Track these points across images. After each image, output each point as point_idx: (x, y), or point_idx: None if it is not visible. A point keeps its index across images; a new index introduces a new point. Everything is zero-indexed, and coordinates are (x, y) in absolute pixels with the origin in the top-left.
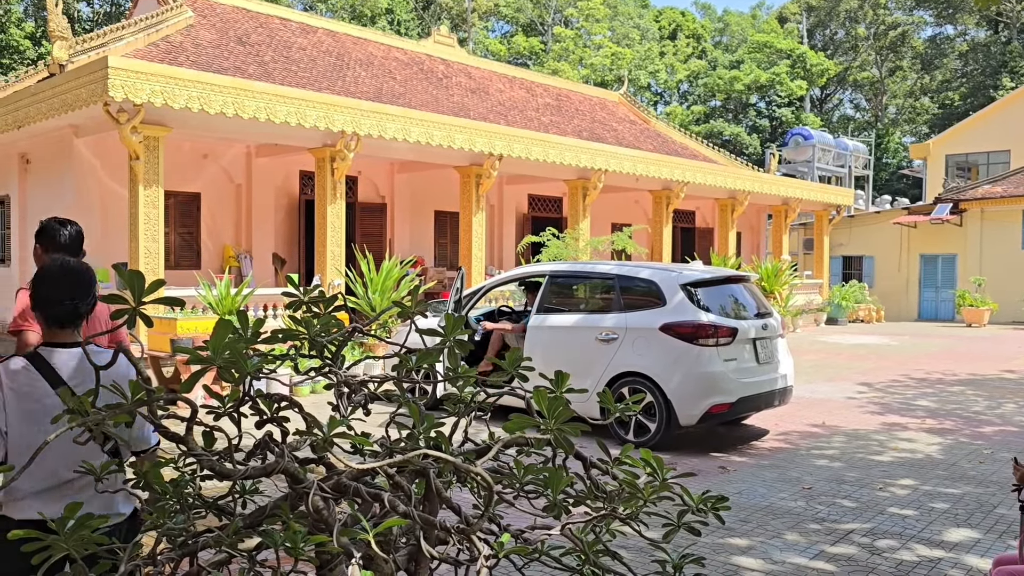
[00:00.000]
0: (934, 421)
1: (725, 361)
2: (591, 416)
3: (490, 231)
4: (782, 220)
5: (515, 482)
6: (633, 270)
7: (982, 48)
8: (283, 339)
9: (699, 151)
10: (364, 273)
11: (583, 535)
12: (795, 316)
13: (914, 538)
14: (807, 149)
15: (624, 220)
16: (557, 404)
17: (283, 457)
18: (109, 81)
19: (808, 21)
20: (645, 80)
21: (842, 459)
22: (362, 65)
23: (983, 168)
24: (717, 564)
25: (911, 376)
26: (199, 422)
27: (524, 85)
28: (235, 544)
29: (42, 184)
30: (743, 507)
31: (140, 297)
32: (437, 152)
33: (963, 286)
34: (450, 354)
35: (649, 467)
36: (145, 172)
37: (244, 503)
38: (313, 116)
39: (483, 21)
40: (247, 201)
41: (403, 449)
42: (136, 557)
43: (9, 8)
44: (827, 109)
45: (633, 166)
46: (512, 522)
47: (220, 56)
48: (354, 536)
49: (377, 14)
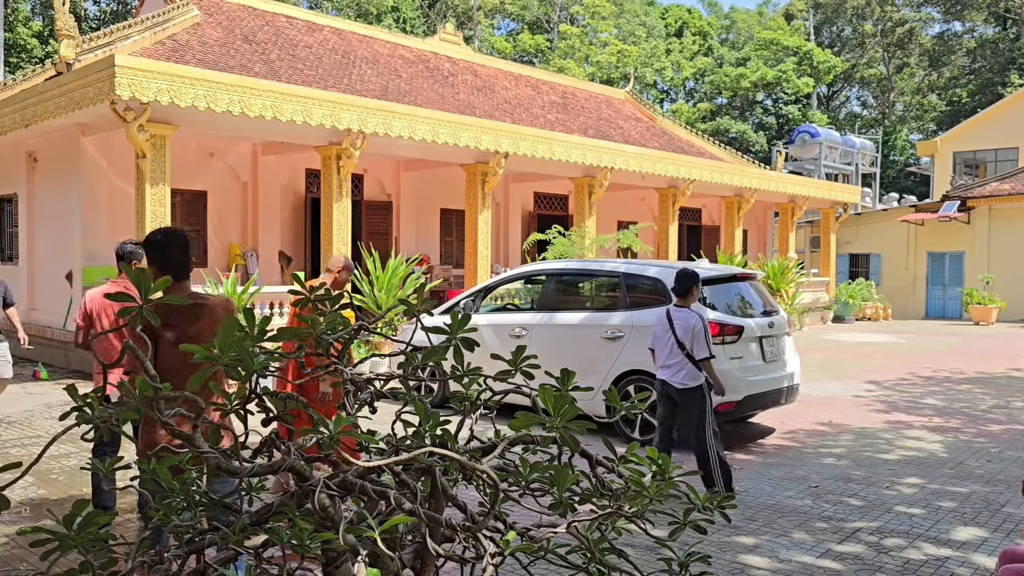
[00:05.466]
0: (941, 419)
1: (731, 359)
2: (597, 414)
3: (496, 229)
4: (789, 218)
5: (521, 480)
6: (639, 268)
7: (990, 45)
8: (289, 337)
9: (705, 149)
10: (370, 271)
11: (589, 533)
12: (802, 314)
13: (921, 536)
14: (814, 146)
15: (630, 218)
16: (563, 402)
17: (289, 455)
18: (116, 80)
19: (815, 18)
20: (651, 77)
21: (849, 457)
22: (368, 63)
23: (991, 165)
24: (723, 562)
25: (918, 374)
26: (206, 419)
27: (530, 83)
28: (242, 541)
29: (50, 182)
30: (749, 505)
31: (147, 295)
32: (443, 150)
33: (971, 284)
34: (456, 352)
35: (655, 465)
36: (152, 170)
37: (251, 500)
38: (319, 114)
39: (489, 19)
40: (253, 199)
41: (409, 447)
42: (143, 554)
43: (16, 7)
44: (834, 106)
45: (639, 164)
46: (518, 520)
47: (226, 54)
48: (360, 534)
49: (383, 12)
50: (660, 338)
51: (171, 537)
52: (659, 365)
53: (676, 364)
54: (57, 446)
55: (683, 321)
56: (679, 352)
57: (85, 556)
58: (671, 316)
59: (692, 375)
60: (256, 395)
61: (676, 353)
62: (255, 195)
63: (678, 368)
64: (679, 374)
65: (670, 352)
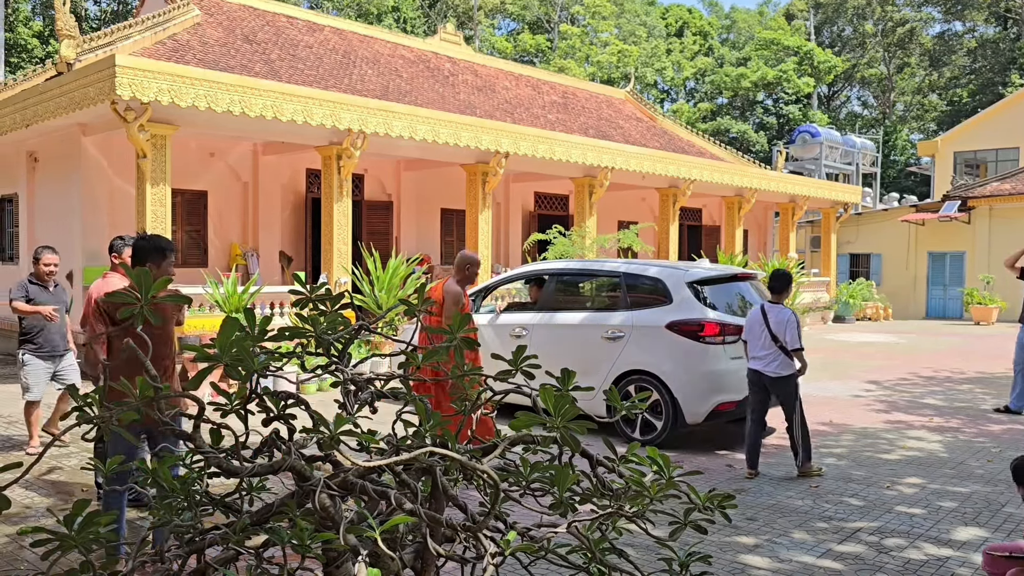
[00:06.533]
0: (942, 419)
1: (731, 359)
2: (597, 414)
3: (496, 229)
4: (789, 218)
5: (521, 480)
6: (640, 268)
7: (991, 45)
8: (290, 337)
9: (706, 149)
10: (371, 271)
11: (589, 533)
12: (802, 314)
13: (922, 536)
14: (814, 146)
15: (631, 218)
16: (563, 402)
17: (290, 455)
18: (116, 80)
19: (815, 18)
20: (652, 77)
21: (849, 457)
22: (368, 63)
23: (992, 165)
24: (724, 562)
25: (919, 374)
26: (206, 419)
27: (530, 83)
28: (242, 541)
29: (50, 182)
30: (750, 505)
31: (147, 295)
32: (443, 150)
33: (971, 284)
34: (456, 352)
35: (655, 465)
36: (152, 170)
37: (251, 500)
38: (320, 114)
39: (489, 19)
40: (254, 199)
41: (409, 447)
42: (143, 554)
43: (17, 7)
44: (834, 106)
45: (640, 164)
46: (519, 520)
47: (227, 54)
48: (361, 533)
49: (383, 12)
50: (753, 331)
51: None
52: (751, 356)
53: (769, 355)
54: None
55: (777, 315)
56: (772, 344)
57: (85, 556)
58: (765, 311)
59: (785, 364)
60: (257, 395)
61: (769, 345)
62: (256, 195)
63: (771, 359)
64: (772, 364)
65: (763, 344)
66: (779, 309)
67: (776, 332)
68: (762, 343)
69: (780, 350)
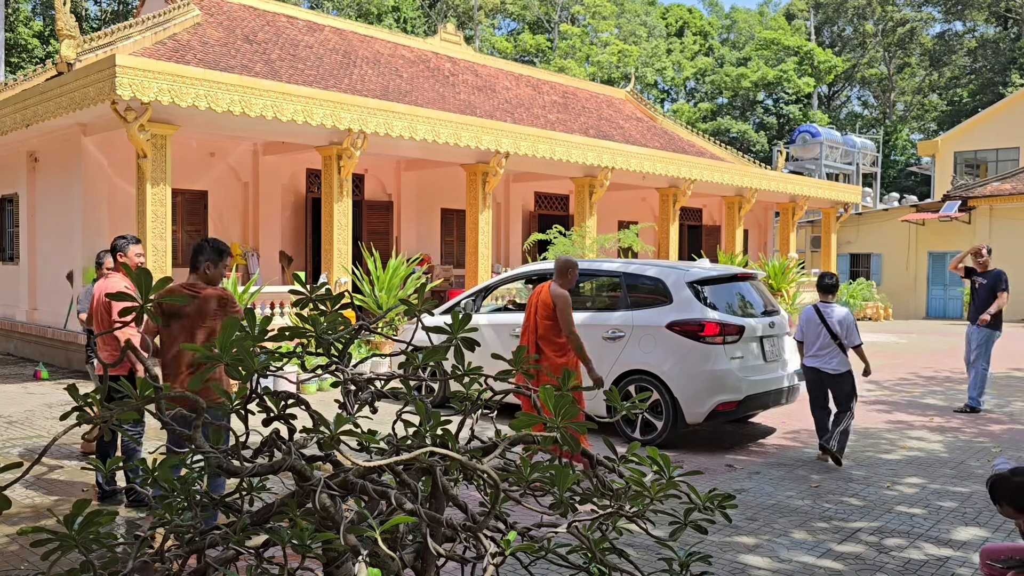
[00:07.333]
0: (942, 419)
1: (732, 359)
2: (598, 414)
3: (496, 229)
4: (789, 217)
5: (522, 480)
6: (640, 268)
7: (991, 44)
8: (290, 337)
9: (706, 148)
10: (371, 271)
11: (590, 533)
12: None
13: (922, 537)
14: (815, 146)
15: (631, 218)
16: (563, 402)
17: (290, 455)
18: (117, 80)
19: (816, 18)
20: (652, 77)
21: (850, 457)
22: (369, 63)
23: (992, 165)
24: (724, 562)
25: (919, 374)
26: (206, 419)
27: (531, 83)
28: (242, 541)
29: (50, 182)
30: (750, 505)
31: (147, 295)
32: (444, 150)
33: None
34: (457, 352)
35: (656, 465)
36: (153, 170)
37: (251, 500)
38: (320, 114)
39: (489, 19)
40: (254, 199)
41: (410, 447)
42: (144, 554)
43: (17, 7)
44: (835, 106)
45: (640, 164)
46: (519, 520)
47: (227, 54)
48: (361, 533)
49: (383, 12)
50: (809, 330)
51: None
52: (808, 355)
53: (828, 353)
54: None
55: (836, 314)
56: (832, 342)
57: (86, 556)
58: (820, 311)
59: (843, 362)
60: (257, 395)
61: (828, 343)
62: (256, 195)
63: (830, 356)
64: (832, 361)
65: (821, 342)
66: (836, 308)
67: (836, 330)
68: (820, 342)
69: (839, 347)
